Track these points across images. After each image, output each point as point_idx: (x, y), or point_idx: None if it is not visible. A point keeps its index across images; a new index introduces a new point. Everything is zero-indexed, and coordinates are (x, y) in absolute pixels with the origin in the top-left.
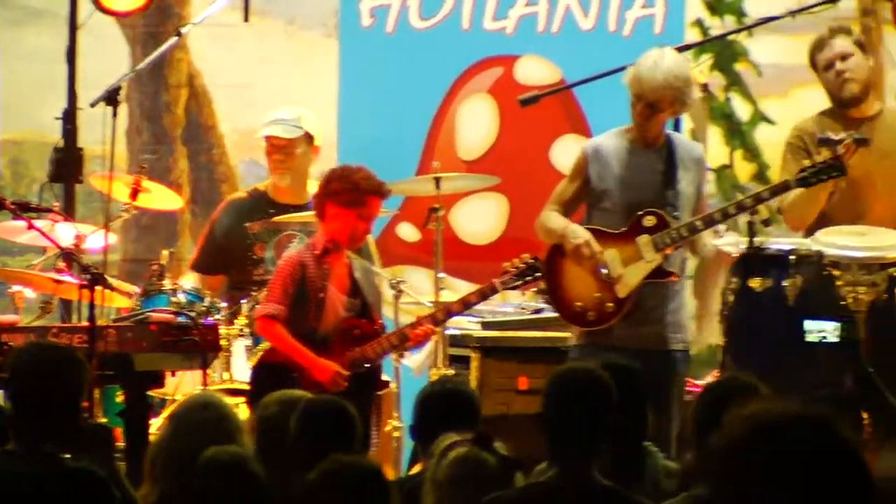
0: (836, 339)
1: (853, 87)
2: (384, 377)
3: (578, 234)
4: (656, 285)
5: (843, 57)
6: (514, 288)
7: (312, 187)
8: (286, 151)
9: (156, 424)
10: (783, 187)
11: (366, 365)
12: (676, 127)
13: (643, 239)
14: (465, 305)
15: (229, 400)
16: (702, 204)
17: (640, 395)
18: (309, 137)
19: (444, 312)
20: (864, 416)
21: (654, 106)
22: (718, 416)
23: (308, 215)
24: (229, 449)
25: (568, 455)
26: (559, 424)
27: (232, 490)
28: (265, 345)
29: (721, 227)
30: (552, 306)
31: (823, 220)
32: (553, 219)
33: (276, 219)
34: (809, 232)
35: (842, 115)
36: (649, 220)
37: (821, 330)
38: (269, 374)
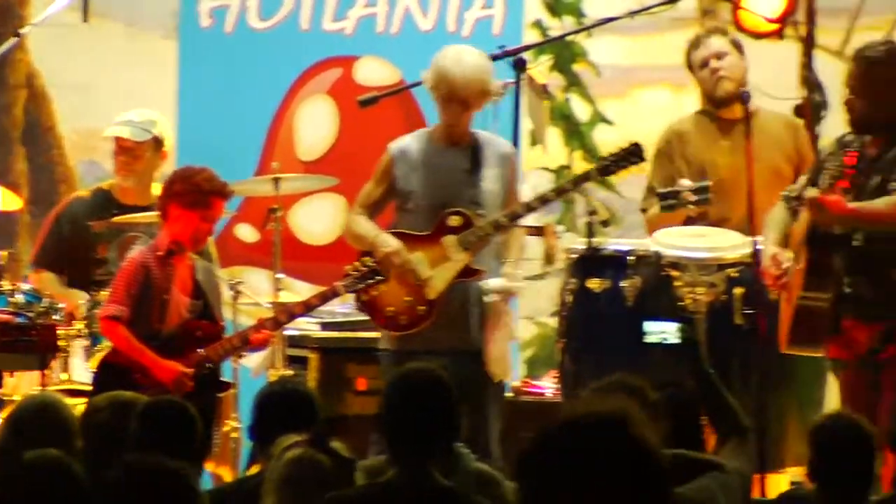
0: (676, 341)
1: (728, 86)
2: (224, 378)
3: (389, 242)
4: (463, 285)
5: (719, 56)
6: (355, 291)
7: (157, 189)
8: (133, 154)
9: None
10: (585, 178)
11: (208, 366)
12: (515, 128)
13: (449, 239)
14: (306, 308)
15: (69, 401)
16: (512, 200)
17: (448, 398)
18: (158, 142)
19: (286, 315)
20: (703, 418)
21: (466, 102)
22: None
23: (152, 216)
24: (49, 452)
25: (407, 455)
26: (398, 425)
27: (52, 494)
28: (105, 345)
29: (560, 227)
30: (364, 312)
31: (688, 220)
32: (362, 224)
33: (119, 219)
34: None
35: (715, 116)
36: (454, 220)
37: (662, 331)
38: (112, 375)
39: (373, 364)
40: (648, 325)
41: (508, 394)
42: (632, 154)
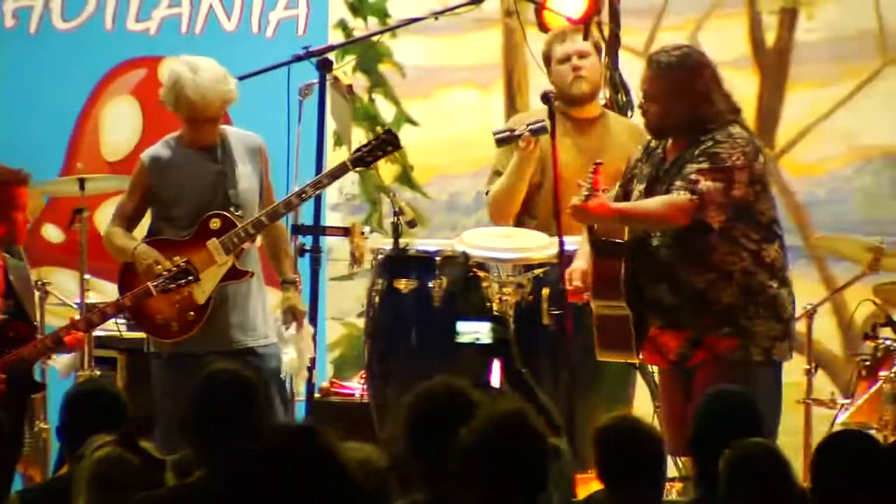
0: (488, 341)
1: (584, 86)
2: (36, 379)
3: (147, 255)
4: (228, 282)
5: (582, 55)
6: (167, 291)
7: None
8: None
9: None
10: (341, 169)
11: (22, 367)
12: (321, 129)
13: (212, 243)
14: (118, 309)
15: None
16: (269, 192)
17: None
18: None
19: (99, 315)
20: None
21: (212, 119)
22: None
23: None
24: None
25: (216, 455)
26: (204, 426)
27: None
28: None
29: (367, 228)
30: (134, 322)
31: (530, 216)
32: (119, 237)
33: None
34: (518, 225)
35: (566, 114)
36: (214, 223)
37: (475, 331)
38: None
39: None
40: (461, 326)
41: (316, 395)
42: (386, 142)
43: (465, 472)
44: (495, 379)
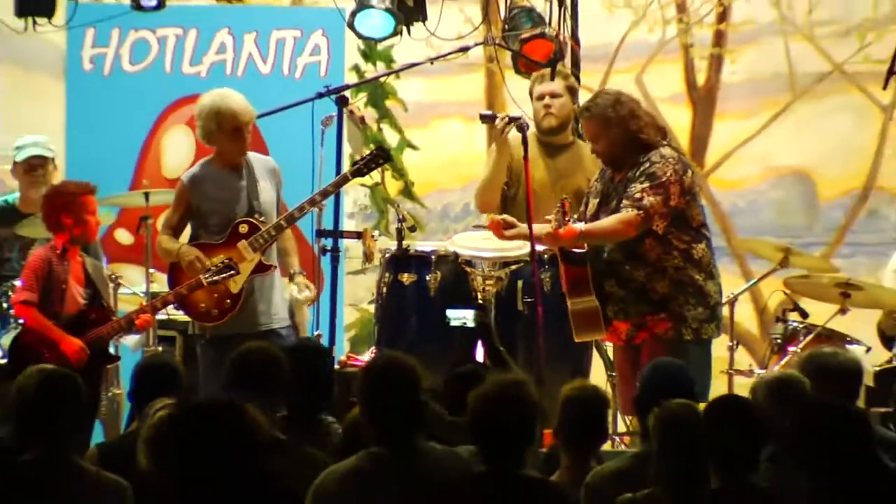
0: (473, 325)
1: (551, 121)
2: (111, 352)
3: (190, 252)
4: (257, 275)
5: (553, 95)
6: (214, 283)
7: None
8: (44, 169)
9: None
10: (343, 179)
11: (100, 343)
12: (339, 151)
13: (242, 243)
14: (177, 297)
15: None
16: (283, 204)
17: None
18: (43, 160)
19: (161, 302)
20: None
21: (247, 127)
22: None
23: None
24: None
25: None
26: (240, 396)
27: None
28: (13, 327)
29: (376, 232)
30: (182, 310)
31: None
32: (167, 242)
33: (26, 223)
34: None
35: (542, 141)
36: (243, 228)
37: (462, 317)
38: (22, 351)
39: None
40: (451, 312)
41: (336, 366)
42: (378, 156)
43: (475, 429)
44: (479, 355)
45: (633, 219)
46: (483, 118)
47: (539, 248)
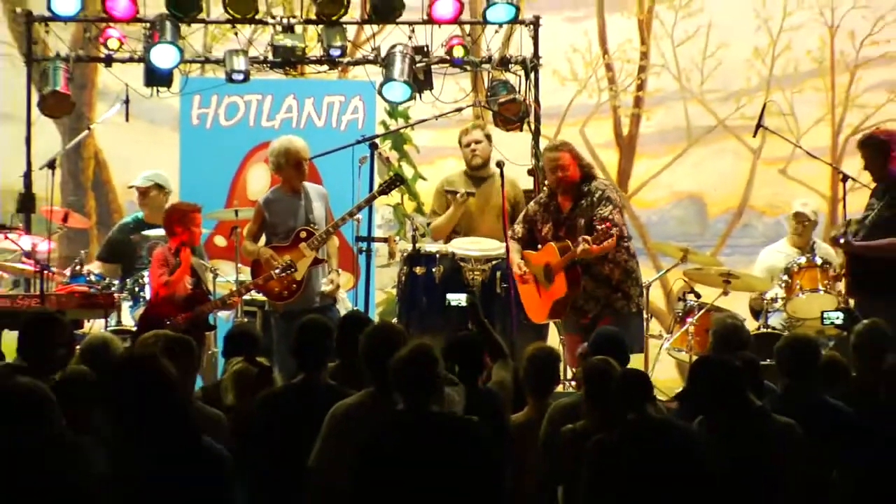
0: (465, 304)
1: (477, 160)
2: (210, 322)
3: (266, 252)
4: (315, 269)
5: (477, 141)
6: (282, 276)
7: None
8: (144, 193)
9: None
10: (372, 197)
11: (203, 316)
12: (371, 182)
13: (302, 245)
14: (256, 285)
15: (116, 337)
16: (330, 217)
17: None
18: (159, 186)
19: (246, 288)
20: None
21: (305, 161)
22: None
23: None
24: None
25: (306, 368)
26: (303, 351)
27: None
28: (141, 305)
29: (398, 237)
30: (262, 293)
31: (454, 234)
32: (249, 245)
33: (146, 233)
34: (447, 240)
35: (471, 175)
36: (303, 234)
37: (457, 299)
38: (148, 321)
39: None
40: (450, 295)
41: None
42: (394, 181)
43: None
44: (470, 325)
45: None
46: (449, 193)
47: (502, 247)
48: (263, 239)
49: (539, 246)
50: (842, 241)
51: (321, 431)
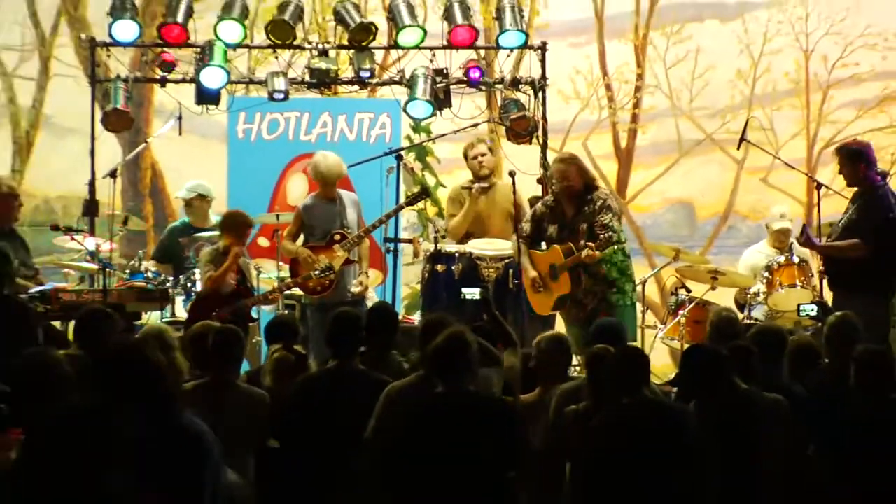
0: (478, 298)
1: (485, 171)
2: (253, 315)
3: (303, 252)
4: (346, 267)
5: (483, 154)
6: (322, 276)
7: (214, 219)
8: (188, 203)
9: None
10: (400, 207)
11: (247, 309)
12: (397, 190)
13: (336, 246)
14: (296, 283)
15: (170, 327)
16: (361, 221)
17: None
18: (202, 196)
19: (286, 286)
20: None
21: (333, 183)
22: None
23: (212, 234)
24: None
25: (339, 355)
26: (337, 340)
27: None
28: (192, 299)
29: (422, 239)
30: (300, 288)
31: (469, 235)
32: (289, 245)
33: (195, 235)
34: (461, 241)
35: (478, 184)
36: (337, 236)
37: (472, 293)
38: (198, 312)
39: None
40: (464, 290)
41: None
42: (421, 193)
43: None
44: (483, 317)
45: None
46: (463, 188)
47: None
48: (301, 239)
49: (543, 245)
50: (803, 239)
51: (375, 409)
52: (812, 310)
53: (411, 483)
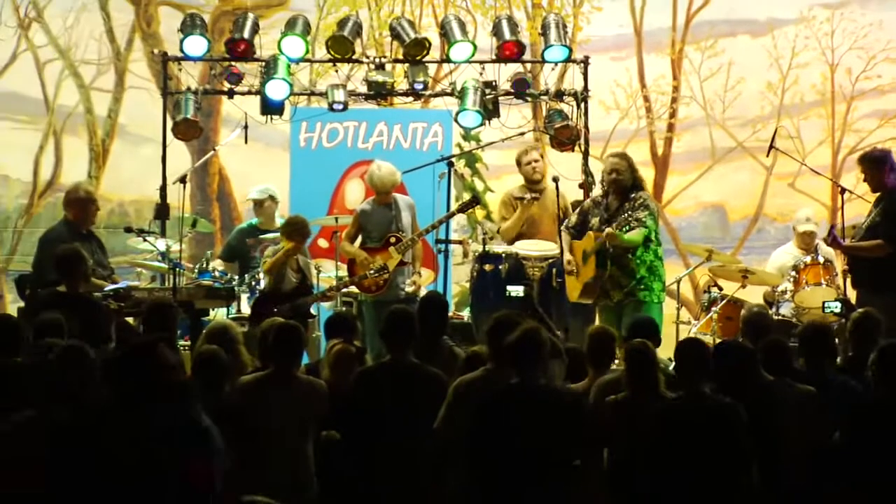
0: (522, 295)
1: (537, 176)
2: (312, 311)
3: (360, 253)
4: (400, 268)
5: (536, 160)
6: (377, 275)
7: (279, 221)
8: (259, 203)
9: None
10: (451, 214)
11: (307, 306)
12: (448, 194)
13: (391, 248)
14: (352, 282)
15: (235, 323)
16: (416, 225)
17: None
18: (272, 198)
19: (343, 284)
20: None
21: (387, 191)
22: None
23: (276, 236)
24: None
25: (394, 350)
26: (390, 335)
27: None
28: (255, 298)
29: (471, 240)
30: (357, 287)
31: (520, 236)
32: (348, 246)
33: (262, 237)
34: (511, 242)
35: (529, 188)
36: (392, 239)
37: (516, 290)
38: (260, 308)
39: None
40: (509, 287)
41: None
42: (473, 201)
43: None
44: (527, 313)
45: (644, 232)
46: (516, 199)
47: (556, 249)
48: (359, 241)
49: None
50: (830, 239)
51: (446, 400)
52: (836, 307)
53: (485, 470)
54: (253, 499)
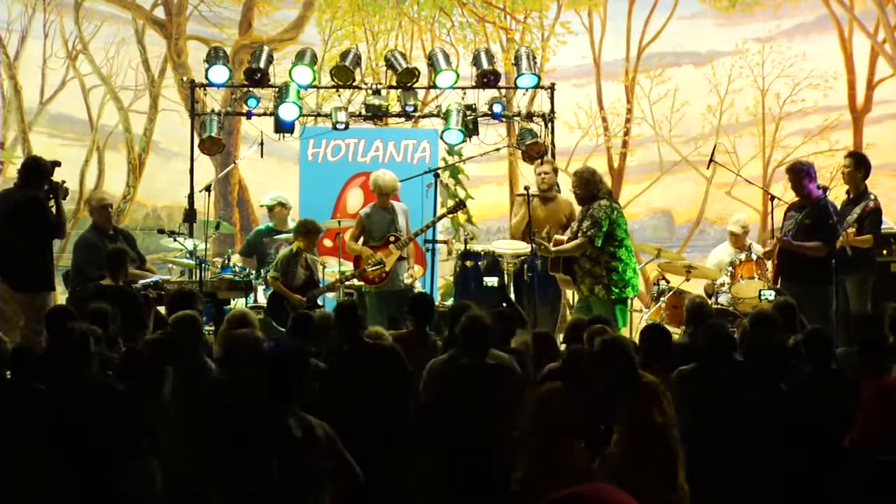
0: (496, 285)
1: (544, 185)
2: (319, 302)
3: (365, 251)
4: (398, 263)
5: (546, 173)
6: (375, 268)
7: (291, 223)
8: (270, 209)
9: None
10: (439, 218)
11: (314, 297)
12: (435, 201)
13: (391, 246)
14: (354, 276)
15: (252, 311)
16: (408, 228)
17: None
18: (282, 204)
19: (346, 277)
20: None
21: (388, 194)
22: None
23: (288, 236)
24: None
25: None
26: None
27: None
28: (270, 290)
29: (454, 240)
30: (360, 279)
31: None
32: (352, 244)
33: (276, 237)
34: (522, 238)
35: (541, 197)
36: (391, 238)
37: (491, 281)
38: (275, 301)
39: None
40: (486, 278)
41: None
42: (459, 205)
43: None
44: (502, 304)
45: (584, 242)
46: (517, 195)
47: (528, 248)
48: (361, 240)
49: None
50: (784, 241)
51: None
52: (771, 295)
53: (444, 437)
54: None
